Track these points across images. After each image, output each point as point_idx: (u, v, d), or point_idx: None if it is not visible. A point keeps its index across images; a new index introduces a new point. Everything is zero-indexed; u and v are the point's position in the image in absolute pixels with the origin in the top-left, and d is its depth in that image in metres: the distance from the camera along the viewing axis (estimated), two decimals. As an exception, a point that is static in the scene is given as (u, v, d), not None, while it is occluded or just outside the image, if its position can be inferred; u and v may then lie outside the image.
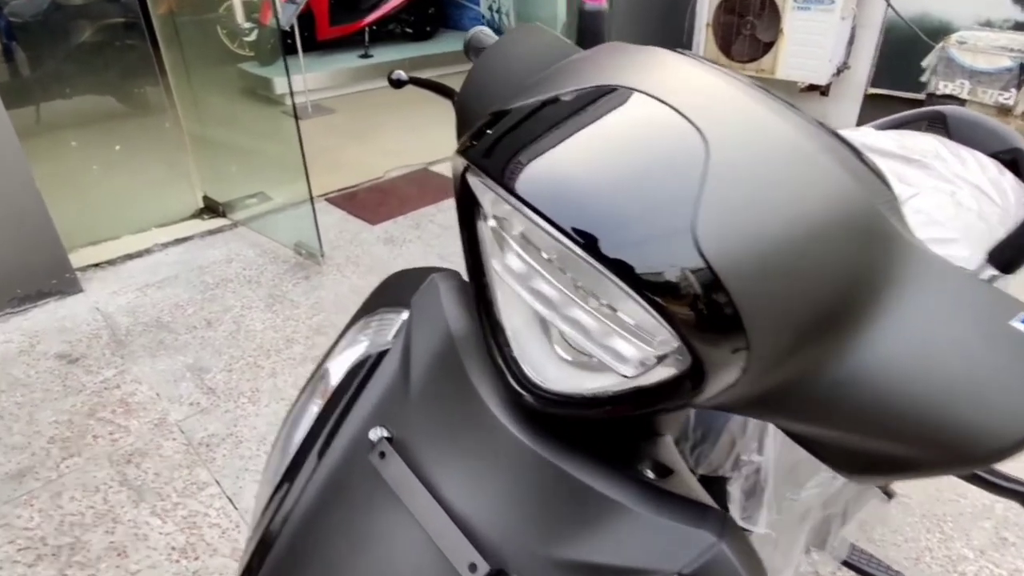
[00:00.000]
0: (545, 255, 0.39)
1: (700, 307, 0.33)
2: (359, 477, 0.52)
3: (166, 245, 2.77)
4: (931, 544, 1.50)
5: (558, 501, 0.46)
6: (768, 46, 3.65)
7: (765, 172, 0.34)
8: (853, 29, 3.61)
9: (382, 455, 0.50)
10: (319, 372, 0.63)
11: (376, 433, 0.52)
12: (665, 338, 0.36)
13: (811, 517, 1.00)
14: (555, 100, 0.38)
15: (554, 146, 0.36)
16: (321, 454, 0.56)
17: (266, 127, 3.65)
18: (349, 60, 5.19)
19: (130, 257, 2.67)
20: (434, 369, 0.53)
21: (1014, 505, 1.27)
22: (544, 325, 0.46)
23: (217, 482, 1.66)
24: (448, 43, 5.79)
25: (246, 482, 1.65)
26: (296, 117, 2.50)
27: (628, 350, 0.39)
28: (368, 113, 4.60)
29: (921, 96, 3.04)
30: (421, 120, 4.38)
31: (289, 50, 3.78)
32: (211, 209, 3.04)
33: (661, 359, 0.37)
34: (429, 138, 4.02)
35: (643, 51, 0.42)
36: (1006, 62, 2.62)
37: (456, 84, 0.66)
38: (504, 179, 0.36)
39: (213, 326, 2.25)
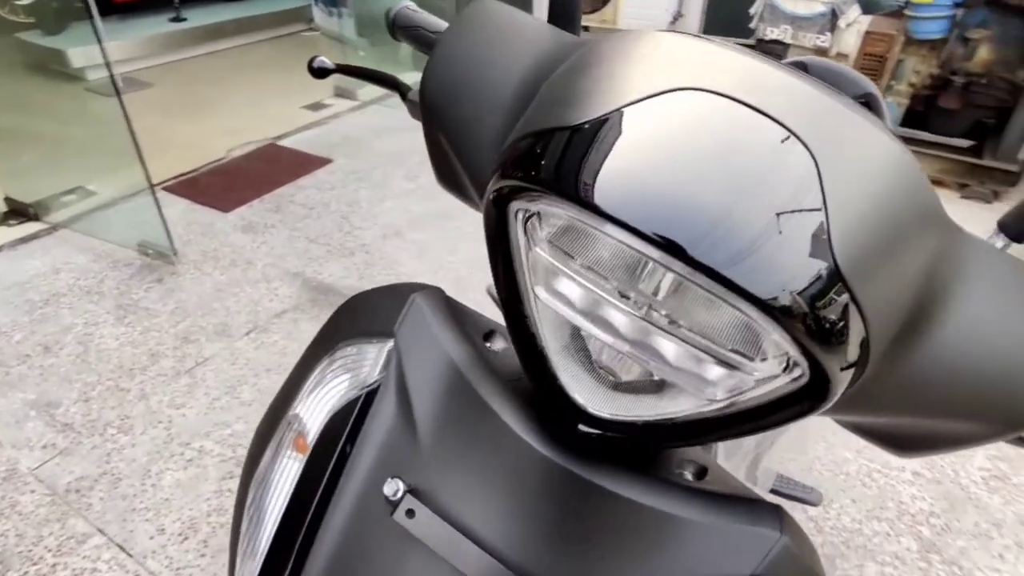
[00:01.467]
0: (617, 284, 0.35)
1: (829, 319, 0.31)
2: (382, 539, 0.45)
3: (-33, 261, 2.32)
4: (819, 453, 1.68)
5: (607, 522, 0.44)
6: (608, -3, 3.74)
7: (862, 169, 0.33)
8: (683, -22, 3.80)
9: (410, 513, 0.44)
10: (285, 419, 0.54)
11: (392, 487, 0.45)
12: (769, 356, 0.33)
13: (747, 457, 1.07)
14: (626, 108, 0.34)
15: (645, 160, 0.32)
16: (318, 518, 0.48)
17: (70, 108, 3.14)
18: (159, 25, 4.56)
19: (-80, 281, 2.21)
20: (443, 403, 0.48)
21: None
22: (583, 348, 0.42)
23: (100, 530, 1.44)
24: (275, 1, 5.25)
25: (136, 523, 1.45)
26: (119, 93, 2.15)
27: (714, 373, 0.36)
28: (192, 86, 4.11)
29: (751, 42, 3.28)
30: (255, 90, 4.00)
31: (81, 14, 3.20)
32: (18, 212, 2.58)
33: (761, 381, 0.35)
34: (269, 109, 3.69)
35: (675, 41, 0.38)
36: (820, 7, 2.89)
37: (289, 48, 0.56)
38: (589, 198, 0.31)
39: (53, 351, 1.93)
